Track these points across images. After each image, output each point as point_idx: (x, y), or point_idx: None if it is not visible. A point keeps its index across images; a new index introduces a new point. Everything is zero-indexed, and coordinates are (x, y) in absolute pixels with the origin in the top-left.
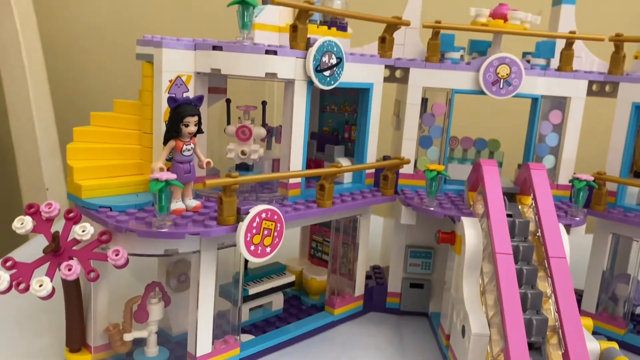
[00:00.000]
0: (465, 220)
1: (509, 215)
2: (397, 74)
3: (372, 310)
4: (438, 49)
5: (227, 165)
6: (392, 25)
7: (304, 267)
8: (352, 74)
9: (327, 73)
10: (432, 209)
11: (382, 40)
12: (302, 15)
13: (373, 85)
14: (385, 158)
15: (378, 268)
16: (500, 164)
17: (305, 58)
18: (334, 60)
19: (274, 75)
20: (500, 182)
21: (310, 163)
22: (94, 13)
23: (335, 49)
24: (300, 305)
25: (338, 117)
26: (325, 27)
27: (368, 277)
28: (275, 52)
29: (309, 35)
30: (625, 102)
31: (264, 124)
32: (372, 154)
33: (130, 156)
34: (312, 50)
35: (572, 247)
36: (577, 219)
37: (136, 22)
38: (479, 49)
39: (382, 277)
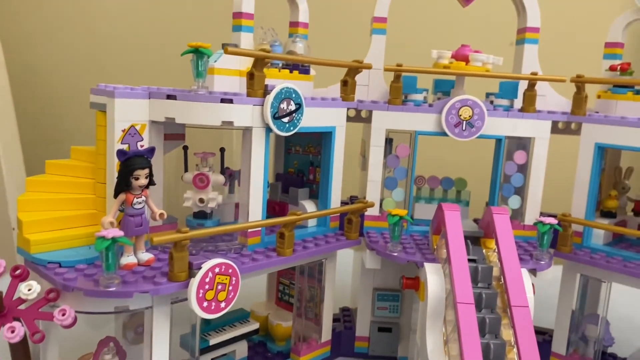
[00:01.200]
0: (428, 267)
1: (472, 260)
2: (363, 113)
3: (341, 355)
4: (400, 91)
5: (185, 213)
6: (354, 69)
7: (270, 312)
8: (313, 118)
9: (285, 119)
10: (395, 254)
11: (344, 83)
12: (259, 63)
13: (335, 129)
14: (352, 198)
15: (347, 310)
16: (467, 203)
17: (262, 105)
18: (292, 107)
19: (230, 123)
20: (464, 226)
21: (274, 205)
22: (63, 53)
23: (294, 95)
24: (266, 353)
25: (303, 159)
26: (287, 71)
27: (336, 320)
28: (231, 101)
29: (267, 82)
30: (589, 143)
31: (222, 170)
32: (336, 197)
33: (84, 206)
34: (270, 98)
35: (542, 281)
36: (543, 262)
37: (102, 65)
38: (443, 89)
39: (350, 320)
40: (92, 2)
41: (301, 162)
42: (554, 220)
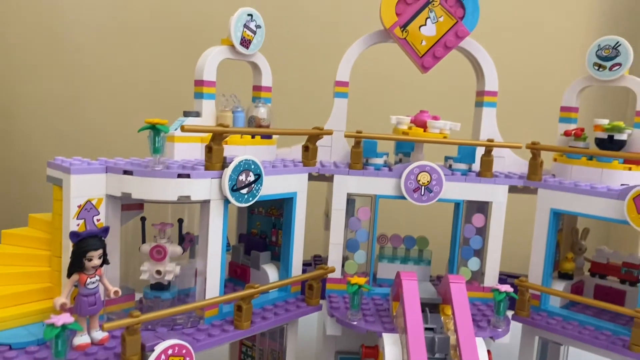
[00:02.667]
0: (387, 337)
1: (430, 329)
2: (327, 173)
3: None
4: (360, 156)
5: (142, 284)
6: (316, 136)
7: None
8: (274, 186)
9: (244, 191)
10: (355, 323)
11: (306, 149)
12: (217, 137)
13: (297, 194)
14: (316, 258)
15: None
16: (428, 262)
17: (221, 178)
18: (251, 178)
19: (187, 197)
20: (424, 291)
21: (236, 268)
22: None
23: (253, 166)
24: None
25: (266, 220)
26: (249, 137)
27: None
28: (188, 176)
29: (229, 148)
30: (544, 208)
31: (181, 241)
32: (298, 261)
33: (39, 280)
34: (228, 171)
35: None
36: (500, 330)
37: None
38: (404, 150)
39: None
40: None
41: (264, 224)
42: (509, 289)
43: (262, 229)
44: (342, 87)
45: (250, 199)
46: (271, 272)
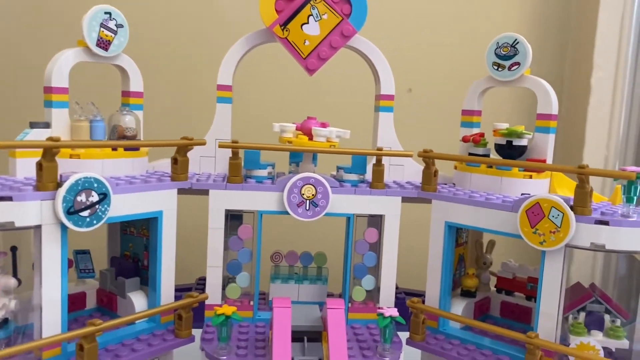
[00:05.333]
0: None
1: None
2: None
3: None
4: (239, 168)
5: None
6: (184, 147)
7: None
8: (131, 205)
9: (86, 213)
10: (223, 358)
11: (174, 161)
12: (48, 153)
13: (163, 213)
14: (200, 281)
15: None
16: (325, 281)
17: (54, 199)
18: (95, 198)
19: (10, 224)
20: (308, 319)
21: (103, 297)
22: None
23: (96, 185)
24: None
25: (138, 241)
26: (109, 149)
27: None
28: (10, 198)
29: (87, 162)
30: (438, 222)
31: (15, 272)
32: (168, 287)
33: None
34: (61, 192)
35: None
36: (386, 359)
37: None
38: (298, 160)
39: None
40: None
41: (136, 245)
42: (395, 312)
43: (134, 252)
44: (224, 91)
45: (95, 222)
46: (138, 301)
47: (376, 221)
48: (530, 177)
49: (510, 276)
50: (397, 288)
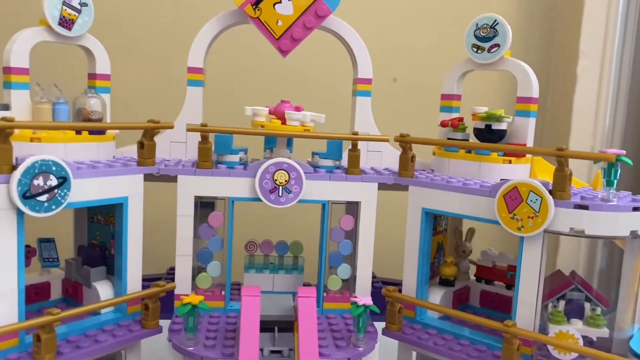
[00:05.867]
0: None
1: (277, 352)
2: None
3: None
4: (209, 153)
5: None
6: (151, 130)
7: None
8: (95, 190)
9: (43, 198)
10: (190, 349)
11: (141, 145)
12: (2, 134)
13: (128, 199)
14: (171, 270)
15: None
16: (301, 270)
17: (8, 183)
18: (53, 182)
19: None
20: (280, 309)
21: (68, 287)
22: None
23: (54, 168)
24: None
25: (105, 229)
26: (72, 133)
27: None
28: None
29: (50, 146)
30: (416, 208)
31: None
32: (135, 276)
33: None
34: (16, 175)
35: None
36: (360, 349)
37: None
38: (273, 146)
39: None
40: None
41: (103, 234)
42: (369, 301)
43: (101, 240)
44: (195, 74)
45: (54, 207)
46: (104, 291)
47: (352, 208)
48: (510, 162)
49: (490, 265)
50: (374, 277)
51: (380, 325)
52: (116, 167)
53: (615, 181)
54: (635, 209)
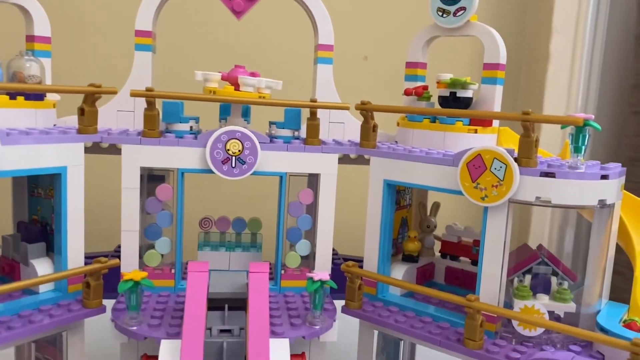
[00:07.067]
0: (165, 344)
1: (226, 332)
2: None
3: None
4: (155, 120)
5: None
6: (92, 95)
7: None
8: (28, 159)
9: None
10: (133, 328)
11: (81, 112)
12: None
13: (67, 169)
14: (119, 247)
15: None
16: (260, 248)
17: None
18: None
19: None
20: (233, 286)
21: (5, 265)
22: None
23: None
24: None
25: (45, 204)
26: (7, 97)
27: None
28: None
29: None
30: (377, 180)
31: None
32: (76, 253)
33: None
34: None
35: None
36: (317, 327)
37: None
38: (228, 115)
39: None
40: None
41: (45, 208)
42: (325, 276)
43: (42, 215)
44: (143, 37)
45: None
46: (42, 268)
47: (311, 181)
48: (475, 131)
49: (456, 240)
50: (336, 255)
51: (341, 305)
52: (53, 134)
53: (584, 147)
54: (603, 177)
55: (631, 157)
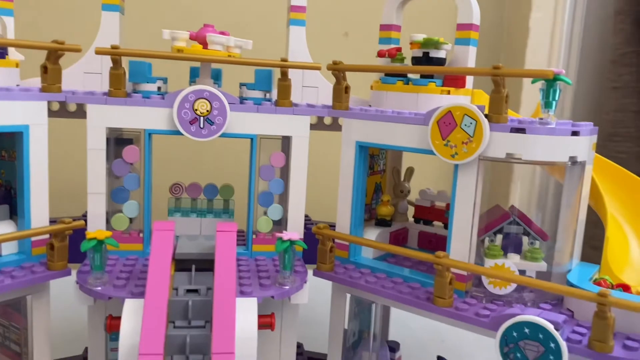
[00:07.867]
0: (129, 303)
1: (193, 291)
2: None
3: None
4: (121, 79)
5: None
6: (54, 52)
7: None
8: None
9: None
10: (98, 288)
11: (44, 70)
12: None
13: (29, 128)
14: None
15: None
16: (231, 214)
17: None
18: None
19: None
20: (200, 247)
21: None
22: None
23: None
24: None
25: (9, 166)
26: None
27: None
28: None
29: None
30: (349, 142)
31: None
32: (40, 215)
33: None
34: None
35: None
36: (286, 287)
37: None
38: (198, 77)
39: None
40: None
41: (8, 171)
42: (295, 236)
43: (6, 179)
44: None
45: None
46: (4, 231)
47: (282, 144)
48: (448, 92)
49: (429, 204)
50: (309, 220)
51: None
52: (14, 91)
53: (554, 103)
54: (574, 133)
55: (610, 133)
